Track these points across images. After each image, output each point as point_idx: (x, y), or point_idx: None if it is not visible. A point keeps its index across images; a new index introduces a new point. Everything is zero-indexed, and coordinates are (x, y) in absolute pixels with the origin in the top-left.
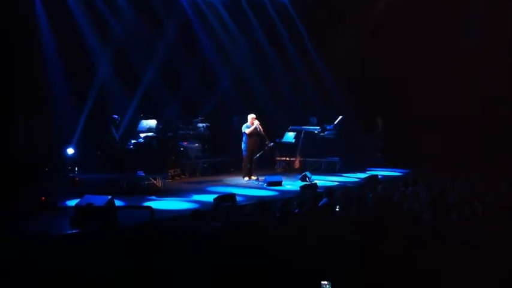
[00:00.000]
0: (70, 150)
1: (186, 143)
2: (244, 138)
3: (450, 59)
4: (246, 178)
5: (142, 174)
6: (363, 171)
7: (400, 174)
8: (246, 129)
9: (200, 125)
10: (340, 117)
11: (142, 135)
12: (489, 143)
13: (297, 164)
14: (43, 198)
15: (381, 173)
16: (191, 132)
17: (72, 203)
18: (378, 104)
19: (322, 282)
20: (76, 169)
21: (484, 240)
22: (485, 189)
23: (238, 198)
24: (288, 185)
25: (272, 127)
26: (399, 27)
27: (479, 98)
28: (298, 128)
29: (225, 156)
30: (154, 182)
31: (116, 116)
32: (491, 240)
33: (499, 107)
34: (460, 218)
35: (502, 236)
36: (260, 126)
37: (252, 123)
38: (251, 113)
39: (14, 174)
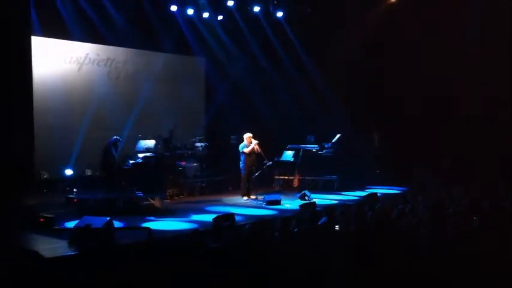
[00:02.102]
0: (68, 171)
1: (184, 162)
2: (242, 158)
3: (451, 63)
4: (245, 197)
5: (141, 194)
6: (362, 189)
7: (399, 191)
8: (244, 149)
9: (198, 144)
10: (338, 135)
11: (140, 155)
12: (490, 148)
13: (295, 183)
14: (41, 219)
15: (380, 190)
16: (189, 152)
17: (71, 224)
18: (376, 115)
19: None
20: (74, 189)
21: (483, 248)
22: (485, 196)
23: (237, 218)
24: (287, 203)
25: (271, 145)
26: (398, 32)
27: (481, 99)
28: (297, 146)
29: (224, 176)
30: (153, 202)
31: (117, 137)
32: (490, 248)
33: (499, 111)
34: (459, 229)
35: (500, 243)
36: (257, 145)
37: (249, 143)
38: (248, 131)
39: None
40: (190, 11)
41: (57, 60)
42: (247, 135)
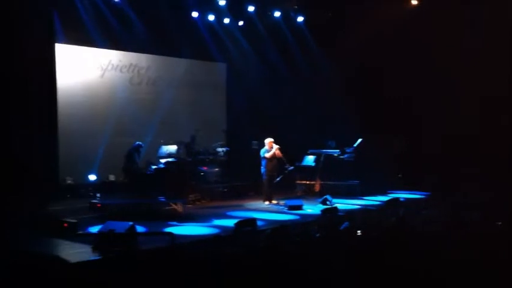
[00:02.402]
0: (92, 177)
1: (205, 167)
2: (263, 163)
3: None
4: (267, 202)
5: (163, 199)
6: (384, 193)
7: (422, 196)
8: (265, 154)
9: (219, 149)
10: (360, 140)
11: (162, 160)
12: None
13: (317, 188)
14: (65, 224)
15: (403, 195)
16: (211, 157)
17: (94, 229)
18: (395, 121)
19: None
20: (98, 195)
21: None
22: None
23: (258, 223)
24: (308, 208)
25: (291, 150)
26: (414, 36)
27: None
28: (318, 151)
29: (245, 181)
30: (175, 207)
31: (139, 143)
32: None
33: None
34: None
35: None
36: (278, 150)
37: (270, 147)
38: (268, 136)
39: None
40: (211, 17)
41: (81, 67)
42: (268, 140)
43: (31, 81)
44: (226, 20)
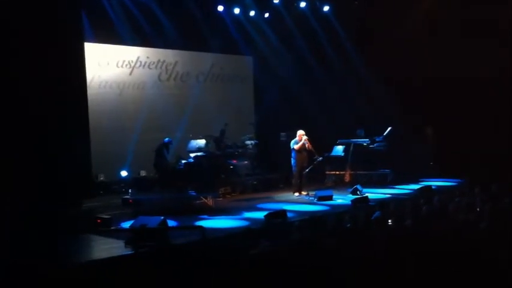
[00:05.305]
0: (123, 173)
1: (235, 161)
2: (293, 154)
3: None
4: (297, 194)
5: (194, 193)
6: (416, 182)
7: (455, 184)
8: (294, 145)
9: (248, 142)
10: (390, 128)
11: (192, 155)
12: None
13: (347, 178)
14: (99, 220)
15: (435, 183)
16: (240, 150)
17: (127, 224)
18: (428, 109)
19: None
20: (130, 190)
21: None
22: None
23: (289, 214)
24: (339, 199)
25: (320, 141)
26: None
27: None
28: (347, 141)
29: (275, 173)
30: (206, 200)
31: (168, 139)
32: None
33: None
34: None
35: None
36: (308, 142)
37: (300, 139)
38: (299, 128)
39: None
40: (236, 10)
41: (110, 65)
42: (299, 132)
43: (61, 81)
44: (252, 13)
